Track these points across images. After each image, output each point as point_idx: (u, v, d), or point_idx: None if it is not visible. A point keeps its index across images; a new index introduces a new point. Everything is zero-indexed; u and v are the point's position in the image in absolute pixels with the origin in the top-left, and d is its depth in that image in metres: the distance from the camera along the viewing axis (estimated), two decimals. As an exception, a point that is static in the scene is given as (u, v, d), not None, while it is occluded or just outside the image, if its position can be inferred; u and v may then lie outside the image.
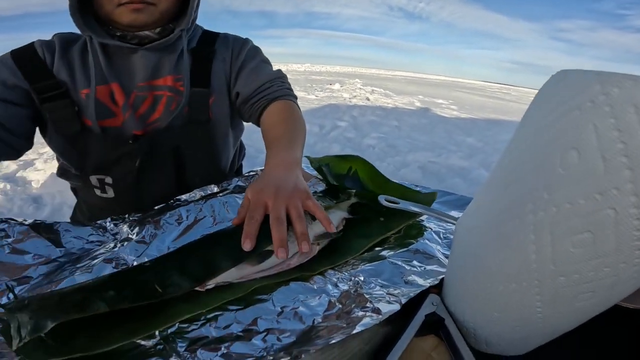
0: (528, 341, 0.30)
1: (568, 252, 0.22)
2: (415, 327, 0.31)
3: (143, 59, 0.59)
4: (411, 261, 0.41)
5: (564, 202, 0.22)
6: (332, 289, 0.36)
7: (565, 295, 0.24)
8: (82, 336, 0.29)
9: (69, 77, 0.57)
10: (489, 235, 0.29)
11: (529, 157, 0.26)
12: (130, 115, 0.60)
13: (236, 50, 0.66)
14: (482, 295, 0.30)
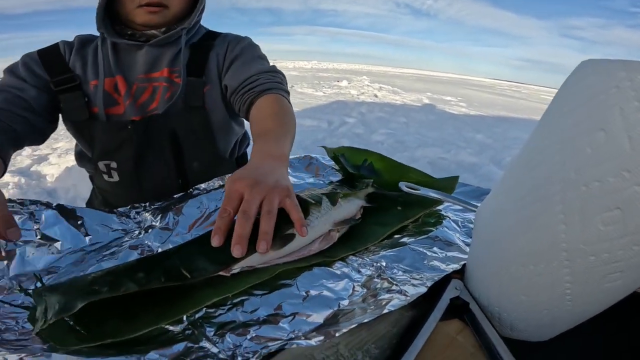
0: (554, 326, 0.31)
1: (598, 230, 0.23)
2: (441, 310, 0.31)
3: (146, 54, 0.66)
4: (432, 247, 0.41)
5: (593, 180, 0.22)
6: (355, 274, 0.37)
7: (594, 275, 0.24)
8: (112, 322, 0.29)
9: (81, 70, 0.64)
10: (514, 218, 0.29)
11: (556, 139, 0.26)
12: (131, 103, 0.65)
13: (232, 44, 0.70)
14: (508, 278, 0.30)
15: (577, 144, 0.23)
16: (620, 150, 0.21)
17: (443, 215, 0.50)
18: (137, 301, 0.31)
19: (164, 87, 0.66)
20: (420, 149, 2.82)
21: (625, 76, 0.21)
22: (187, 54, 0.67)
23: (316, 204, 0.43)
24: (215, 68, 0.69)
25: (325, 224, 0.42)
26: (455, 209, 0.53)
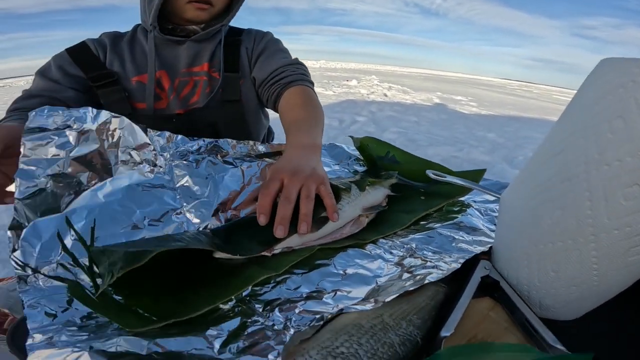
0: (582, 303, 0.32)
1: (620, 205, 0.25)
2: (473, 287, 0.33)
3: (187, 49, 0.69)
4: (458, 232, 0.43)
5: (614, 160, 0.25)
6: (387, 255, 0.39)
7: (619, 249, 0.26)
8: (168, 304, 0.30)
9: (120, 67, 0.67)
10: (541, 199, 0.31)
11: (580, 127, 0.28)
12: (174, 97, 0.69)
13: (258, 39, 0.75)
14: (537, 256, 0.32)
15: (599, 129, 0.26)
16: (636, 134, 0.24)
17: (466, 204, 0.52)
18: (189, 284, 0.33)
19: (204, 81, 0.70)
20: (432, 148, 2.82)
21: (639, 72, 0.24)
22: (225, 52, 0.71)
23: (346, 190, 0.46)
24: (247, 62, 0.73)
25: (355, 209, 0.45)
26: (477, 200, 0.55)
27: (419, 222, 0.47)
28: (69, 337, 0.26)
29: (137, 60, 0.68)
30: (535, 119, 5.37)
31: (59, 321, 0.28)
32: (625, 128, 0.25)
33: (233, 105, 0.71)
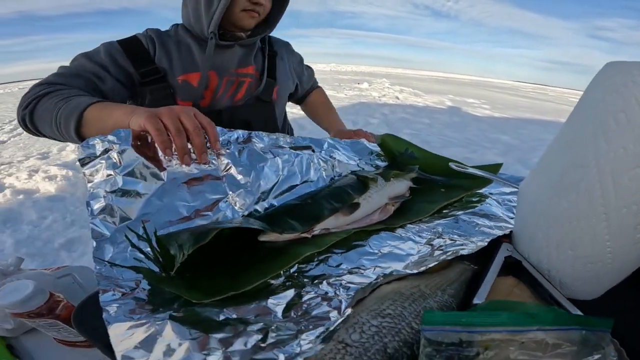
0: (599, 280, 0.35)
1: (626, 185, 0.29)
2: (498, 265, 0.37)
3: (236, 53, 0.75)
4: (480, 218, 0.47)
5: (619, 147, 0.29)
6: (416, 237, 0.42)
7: (628, 226, 0.30)
8: (226, 281, 0.34)
9: (168, 64, 0.69)
10: (557, 185, 0.35)
11: (589, 121, 0.32)
12: (220, 96, 0.74)
13: (289, 53, 0.89)
14: (555, 236, 0.35)
15: (605, 122, 0.30)
16: (637, 125, 0.28)
17: (485, 195, 0.55)
18: (240, 264, 0.37)
19: (249, 82, 0.77)
20: (446, 149, 2.83)
21: (638, 73, 0.28)
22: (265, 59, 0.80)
23: (373, 179, 0.51)
24: (288, 73, 0.86)
25: (382, 197, 0.49)
26: (494, 192, 0.58)
27: (442, 210, 0.51)
28: (144, 311, 0.29)
29: (183, 59, 0.71)
30: (551, 122, 5.30)
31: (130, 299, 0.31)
32: (627, 121, 0.29)
33: (266, 105, 0.80)
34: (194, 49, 0.71)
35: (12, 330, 0.53)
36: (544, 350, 0.22)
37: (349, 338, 0.24)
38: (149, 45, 0.69)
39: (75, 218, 1.64)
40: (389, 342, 0.24)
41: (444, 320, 0.21)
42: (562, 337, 0.22)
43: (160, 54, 0.69)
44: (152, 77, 0.68)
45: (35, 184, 2.05)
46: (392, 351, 0.24)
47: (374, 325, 0.25)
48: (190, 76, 0.70)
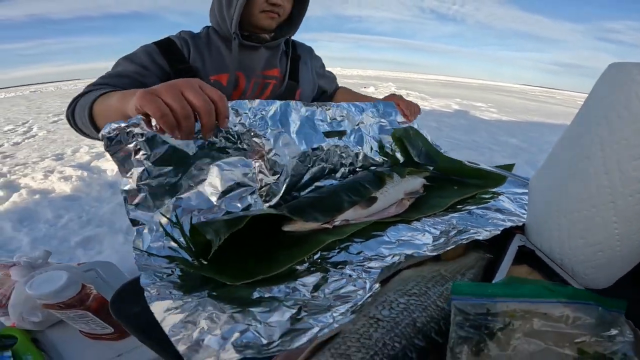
0: (609, 268, 0.37)
1: (630, 174, 0.31)
2: (512, 253, 0.38)
3: (262, 55, 0.77)
4: (493, 212, 0.48)
5: (622, 139, 0.31)
6: (432, 229, 0.44)
7: (634, 213, 0.32)
8: (254, 266, 0.36)
9: (201, 64, 0.72)
10: (566, 176, 0.37)
11: (594, 116, 0.34)
12: (248, 97, 0.75)
13: (312, 57, 0.91)
14: (566, 224, 0.37)
15: (609, 117, 0.32)
16: (638, 118, 0.31)
17: (497, 193, 0.57)
18: (266, 251, 0.39)
19: (274, 84, 0.79)
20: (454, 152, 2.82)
21: (637, 72, 0.31)
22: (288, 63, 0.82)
23: (390, 175, 0.53)
24: (310, 76, 0.87)
25: (398, 192, 0.51)
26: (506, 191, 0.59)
27: (455, 206, 0.53)
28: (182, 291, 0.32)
29: (215, 60, 0.73)
30: (559, 125, 5.26)
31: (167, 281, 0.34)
32: (629, 115, 0.31)
33: None
34: (223, 50, 0.74)
35: (39, 323, 0.56)
36: (565, 321, 0.23)
37: (380, 314, 0.26)
38: (183, 46, 0.71)
39: (91, 217, 1.68)
40: (417, 317, 0.26)
41: (472, 290, 0.23)
42: (581, 310, 0.24)
43: (194, 54, 0.72)
44: (185, 75, 0.67)
45: (51, 184, 2.10)
46: (420, 325, 0.26)
47: (402, 303, 0.27)
48: (221, 77, 0.73)
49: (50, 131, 4.06)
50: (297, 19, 0.80)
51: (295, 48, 0.87)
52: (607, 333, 0.24)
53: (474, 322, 0.22)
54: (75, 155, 2.76)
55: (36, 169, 2.44)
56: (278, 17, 0.72)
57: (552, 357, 0.23)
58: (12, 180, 2.25)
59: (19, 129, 4.38)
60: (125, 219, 0.41)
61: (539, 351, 0.23)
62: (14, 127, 4.53)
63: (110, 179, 2.09)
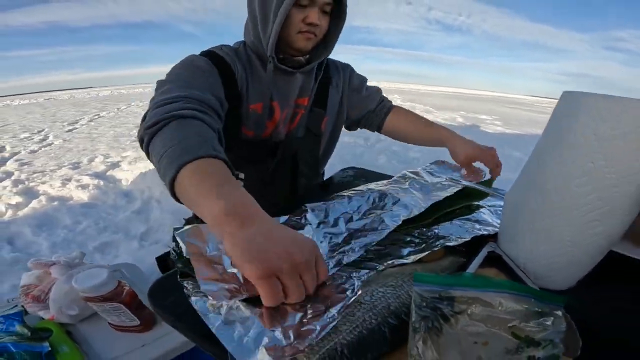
0: (567, 271, 0.43)
1: (575, 190, 0.38)
2: (481, 257, 0.45)
3: (296, 81, 0.72)
4: (471, 223, 0.56)
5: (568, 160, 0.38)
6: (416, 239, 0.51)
7: (581, 222, 0.39)
8: None
9: (245, 91, 0.68)
10: (528, 190, 0.44)
11: (550, 139, 0.42)
12: (282, 127, 0.73)
13: (346, 77, 0.84)
14: (529, 233, 0.44)
15: (561, 139, 0.39)
16: (581, 143, 0.37)
17: (481, 205, 0.64)
18: None
19: (302, 113, 0.75)
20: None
21: (586, 101, 0.37)
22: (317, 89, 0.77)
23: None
24: (336, 100, 0.81)
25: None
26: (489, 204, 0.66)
27: (440, 218, 0.60)
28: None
29: (255, 86, 0.69)
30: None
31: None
32: (574, 138, 0.37)
33: (313, 138, 0.79)
34: (261, 73, 0.69)
35: (75, 316, 0.64)
36: (499, 307, 0.30)
37: (362, 299, 0.34)
38: (233, 68, 0.66)
39: (108, 224, 1.78)
40: (391, 303, 0.33)
41: (430, 279, 0.31)
42: (514, 300, 0.31)
43: (240, 78, 0.67)
44: (232, 102, 0.65)
45: (69, 191, 2.21)
46: (394, 308, 0.33)
47: (381, 291, 0.35)
48: (258, 105, 0.69)
49: (65, 140, 4.22)
50: (333, 38, 0.73)
51: (328, 69, 0.80)
52: (538, 321, 0.31)
53: (430, 305, 0.30)
54: (91, 165, 2.88)
55: (54, 177, 2.56)
56: (315, 37, 0.67)
57: (490, 336, 0.30)
58: (30, 187, 2.37)
59: (35, 137, 4.54)
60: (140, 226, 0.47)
61: (481, 332, 0.30)
62: (30, 135, 4.70)
63: (125, 188, 2.19)
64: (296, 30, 0.64)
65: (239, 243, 0.32)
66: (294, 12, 0.63)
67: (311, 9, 0.63)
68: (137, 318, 0.59)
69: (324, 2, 0.64)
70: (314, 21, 0.63)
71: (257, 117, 0.69)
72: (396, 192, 0.59)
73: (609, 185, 0.36)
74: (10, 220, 1.87)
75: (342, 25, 0.71)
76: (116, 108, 8.33)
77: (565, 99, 0.40)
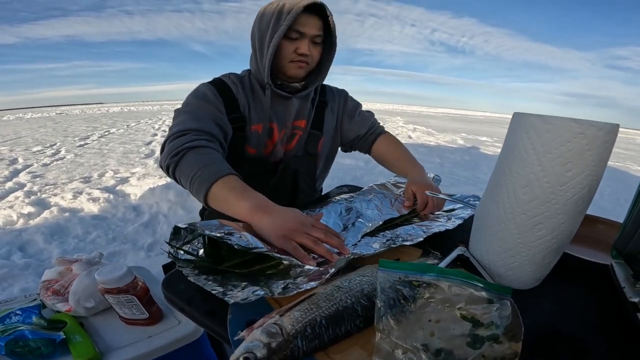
0: (524, 270, 0.49)
1: (521, 198, 0.45)
2: (450, 259, 0.52)
3: (293, 105, 0.80)
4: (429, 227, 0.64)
5: (515, 172, 0.46)
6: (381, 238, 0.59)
7: (528, 227, 0.46)
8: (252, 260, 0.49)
9: (248, 113, 0.77)
10: (488, 199, 0.52)
11: (503, 155, 0.49)
12: (280, 147, 0.82)
13: (341, 102, 0.92)
14: (488, 237, 0.51)
15: (509, 154, 0.47)
16: (525, 157, 0.44)
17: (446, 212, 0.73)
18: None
19: (300, 135, 0.84)
20: (454, 187, 2.97)
21: (526, 120, 0.44)
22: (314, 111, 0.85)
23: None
24: (333, 124, 0.89)
25: None
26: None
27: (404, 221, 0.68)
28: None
29: (257, 110, 0.77)
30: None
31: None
32: (519, 153, 0.45)
33: (311, 157, 0.87)
34: (262, 98, 0.78)
35: (90, 309, 0.70)
36: (449, 292, 0.37)
37: (342, 284, 0.41)
38: (238, 93, 0.76)
39: (117, 235, 1.85)
40: (365, 288, 0.40)
41: (392, 265, 0.38)
42: (463, 286, 0.37)
43: (243, 102, 0.76)
44: (236, 124, 0.75)
45: (80, 204, 2.30)
46: (366, 292, 0.40)
47: (357, 280, 0.42)
48: (258, 126, 0.77)
49: (77, 154, 4.36)
50: (326, 66, 0.80)
51: (324, 94, 0.88)
52: (484, 305, 0.37)
53: (392, 286, 0.37)
54: (101, 179, 2.99)
55: (65, 190, 2.66)
56: (307, 66, 0.74)
57: (442, 316, 0.36)
58: (43, 198, 2.46)
59: (47, 151, 4.69)
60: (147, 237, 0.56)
61: (433, 311, 0.36)
62: (42, 149, 4.85)
63: (133, 202, 2.28)
64: (288, 59, 0.72)
65: (265, 227, 0.51)
66: (285, 44, 0.71)
67: (301, 40, 0.71)
68: (147, 311, 0.66)
69: (314, 35, 0.72)
70: (304, 52, 0.71)
71: (258, 137, 0.77)
72: (360, 206, 0.68)
73: (547, 193, 0.43)
74: (22, 228, 1.95)
75: (333, 55, 0.80)
76: (126, 125, 8.57)
77: (514, 118, 0.48)
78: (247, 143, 0.78)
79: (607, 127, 0.40)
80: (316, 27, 0.72)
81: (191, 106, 0.71)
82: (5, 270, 1.47)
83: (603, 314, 0.46)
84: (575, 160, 0.41)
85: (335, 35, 0.77)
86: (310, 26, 0.71)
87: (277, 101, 0.79)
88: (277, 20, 0.69)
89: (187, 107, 0.71)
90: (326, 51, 0.79)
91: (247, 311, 0.42)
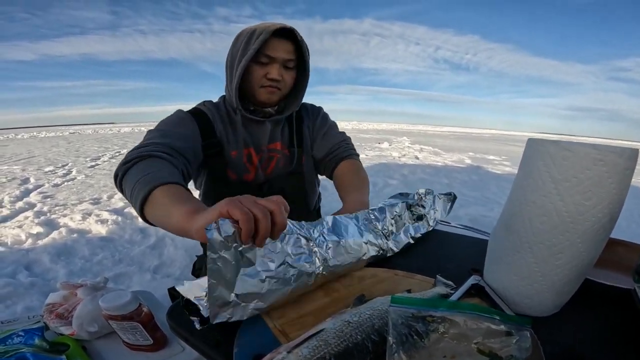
0: (541, 298, 0.47)
1: (538, 227, 0.44)
2: (465, 287, 0.50)
3: (267, 129, 0.80)
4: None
5: (531, 201, 0.44)
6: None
7: (546, 255, 0.44)
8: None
9: (225, 139, 0.77)
10: (502, 228, 0.50)
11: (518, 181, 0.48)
12: (261, 170, 0.82)
13: (313, 119, 0.89)
14: (504, 265, 0.49)
15: (525, 184, 0.45)
16: (541, 186, 0.43)
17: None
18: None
19: (278, 157, 0.83)
20: (463, 209, 2.93)
21: (542, 146, 0.43)
22: (291, 129, 0.84)
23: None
24: (308, 139, 0.88)
25: None
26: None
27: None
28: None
29: (233, 135, 0.78)
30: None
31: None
32: (534, 182, 0.44)
33: (296, 176, 0.85)
34: (238, 124, 0.78)
35: (93, 333, 0.69)
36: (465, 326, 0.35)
37: (351, 319, 0.39)
38: (212, 118, 0.76)
39: (123, 257, 1.84)
40: (375, 323, 0.39)
41: (405, 301, 0.36)
42: (480, 320, 0.35)
43: (219, 128, 0.76)
44: (213, 149, 0.74)
45: (88, 225, 2.31)
46: (377, 327, 0.38)
47: (367, 314, 0.40)
48: (236, 152, 0.78)
49: (88, 175, 4.43)
50: (301, 91, 0.80)
51: (300, 110, 0.87)
52: (502, 338, 0.35)
53: (405, 323, 0.35)
54: (110, 201, 3.01)
55: (75, 211, 2.69)
56: (279, 91, 0.74)
57: (457, 351, 0.34)
58: (52, 219, 2.48)
59: (59, 171, 4.77)
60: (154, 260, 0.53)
61: (448, 347, 0.34)
62: (54, 169, 4.94)
63: (141, 225, 2.28)
64: (259, 84, 0.72)
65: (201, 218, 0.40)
66: (255, 69, 0.71)
67: (272, 65, 0.71)
68: (151, 338, 0.64)
69: (285, 59, 0.71)
70: (274, 76, 0.70)
71: (239, 162, 0.77)
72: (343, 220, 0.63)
73: (566, 222, 0.42)
74: (29, 248, 1.96)
75: (307, 80, 0.79)
76: (136, 146, 8.67)
77: (528, 144, 0.47)
78: (228, 167, 0.77)
79: (627, 152, 0.39)
80: (287, 52, 0.71)
81: (162, 125, 0.70)
82: (10, 289, 1.46)
83: (626, 341, 0.44)
84: (595, 189, 0.39)
85: (308, 60, 0.76)
86: (281, 50, 0.70)
87: (251, 126, 0.79)
88: (247, 44, 0.69)
89: (158, 126, 0.70)
90: (301, 76, 0.78)
91: (254, 345, 0.41)
